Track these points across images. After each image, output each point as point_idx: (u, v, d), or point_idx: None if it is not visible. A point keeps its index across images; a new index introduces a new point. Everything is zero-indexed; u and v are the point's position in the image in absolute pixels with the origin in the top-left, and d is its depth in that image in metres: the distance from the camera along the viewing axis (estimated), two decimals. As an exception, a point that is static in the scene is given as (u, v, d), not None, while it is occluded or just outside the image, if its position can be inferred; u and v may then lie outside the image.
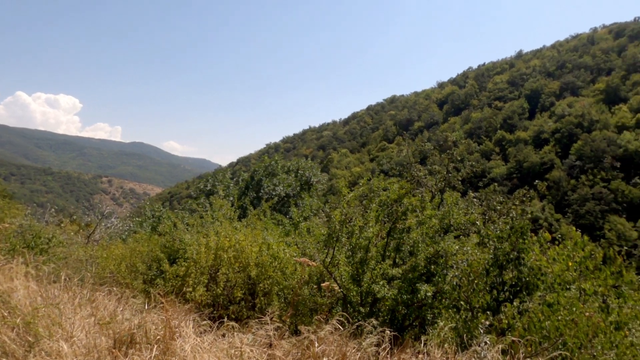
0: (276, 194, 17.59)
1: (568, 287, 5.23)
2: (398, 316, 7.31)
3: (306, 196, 16.65)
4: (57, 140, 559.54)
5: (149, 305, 5.14)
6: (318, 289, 7.39)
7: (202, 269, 8.22)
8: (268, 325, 3.83)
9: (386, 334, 3.93)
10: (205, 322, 4.49)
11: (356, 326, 4.26)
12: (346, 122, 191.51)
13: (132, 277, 9.08)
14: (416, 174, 13.01)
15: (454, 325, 5.22)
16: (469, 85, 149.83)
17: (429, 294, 6.40)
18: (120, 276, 9.02)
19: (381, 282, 6.74)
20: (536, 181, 77.83)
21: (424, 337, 4.43)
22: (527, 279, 5.25)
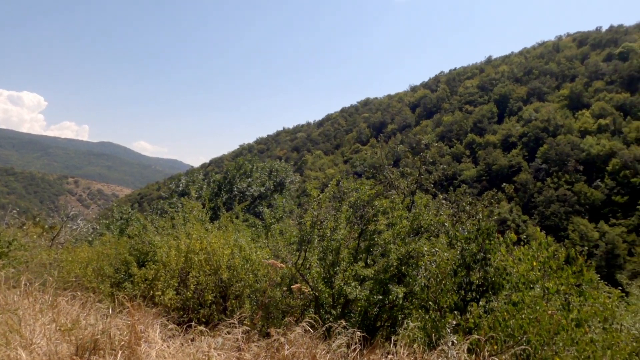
0: (249, 194, 17.43)
1: (532, 286, 5.40)
2: (370, 317, 7.37)
3: (279, 198, 16.59)
4: (21, 139, 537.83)
5: (115, 309, 5.00)
6: (290, 291, 7.37)
7: (172, 272, 8.05)
8: (239, 329, 3.78)
9: (356, 335, 3.96)
10: (174, 326, 4.40)
11: (327, 328, 4.27)
12: (320, 123, 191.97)
13: (99, 280, 8.82)
14: (389, 176, 13.15)
15: (422, 325, 5.31)
16: (440, 89, 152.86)
17: (400, 295, 6.48)
18: (86, 280, 8.75)
19: (353, 283, 6.78)
20: (504, 184, 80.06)
21: (393, 338, 4.48)
22: (493, 279, 5.40)
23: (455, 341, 3.96)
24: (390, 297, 6.58)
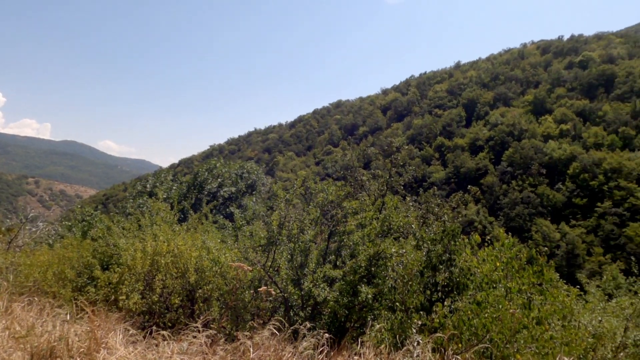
0: (220, 194, 17.16)
1: (495, 286, 5.55)
2: (340, 318, 7.38)
3: (249, 199, 16.41)
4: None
5: (75, 315, 4.81)
6: (257, 293, 7.30)
7: (137, 275, 7.84)
8: (205, 332, 3.71)
9: (324, 336, 3.95)
10: (138, 331, 4.27)
11: (295, 330, 4.25)
12: (292, 125, 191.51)
13: (60, 285, 8.49)
14: (359, 177, 13.25)
15: (389, 326, 5.37)
16: (411, 92, 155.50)
17: (369, 295, 6.52)
18: (45, 284, 8.40)
19: (322, 285, 6.78)
20: (469, 186, 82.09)
21: (361, 339, 4.51)
22: (458, 279, 5.52)
23: (420, 341, 4.02)
24: (359, 298, 6.61)
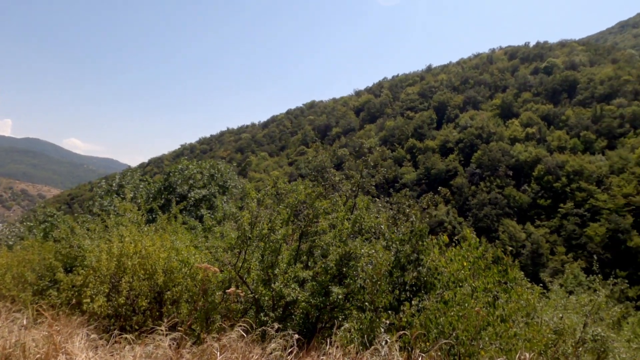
0: (191, 196, 16.84)
1: (461, 285, 5.69)
2: (311, 319, 7.39)
3: (219, 200, 16.18)
4: None
5: (34, 320, 4.62)
6: (237, 294, 7.22)
7: (102, 278, 7.61)
8: (172, 335, 3.63)
9: (293, 337, 3.95)
10: (103, 335, 4.15)
11: (265, 331, 4.22)
12: (265, 125, 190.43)
13: (19, 288, 8.16)
14: (331, 178, 13.30)
15: (358, 325, 5.42)
16: (384, 94, 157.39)
17: (340, 295, 6.55)
18: (4, 288, 8.06)
19: (292, 285, 6.77)
20: (439, 187, 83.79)
21: (329, 339, 4.52)
22: (426, 279, 5.63)
23: (388, 340, 4.07)
24: (331, 298, 6.63)
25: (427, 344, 4.61)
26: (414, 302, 5.37)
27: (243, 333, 3.51)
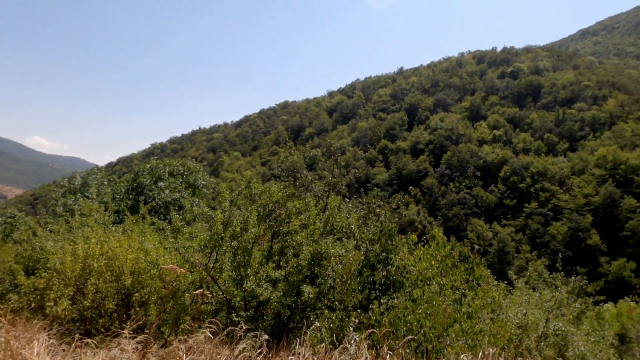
0: (160, 198, 16.42)
1: (429, 283, 5.83)
2: (283, 319, 7.38)
3: (187, 200, 15.88)
4: None
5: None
6: (204, 295, 7.13)
7: (67, 280, 7.37)
8: (137, 338, 3.56)
9: (262, 337, 3.94)
10: (65, 339, 4.02)
11: (234, 332, 4.20)
12: (238, 124, 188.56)
13: (-23, 293, 7.79)
14: (303, 179, 13.31)
15: (328, 325, 5.46)
16: (356, 95, 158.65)
17: (312, 295, 6.58)
18: (-41, 293, 7.68)
19: (264, 285, 6.75)
20: (410, 187, 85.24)
21: (299, 339, 4.54)
22: (395, 278, 5.74)
23: (357, 338, 4.13)
24: (302, 297, 6.65)
25: (396, 341, 4.69)
26: (383, 300, 5.46)
27: (210, 334, 3.47)
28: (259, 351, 3.77)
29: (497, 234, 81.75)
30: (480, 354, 4.32)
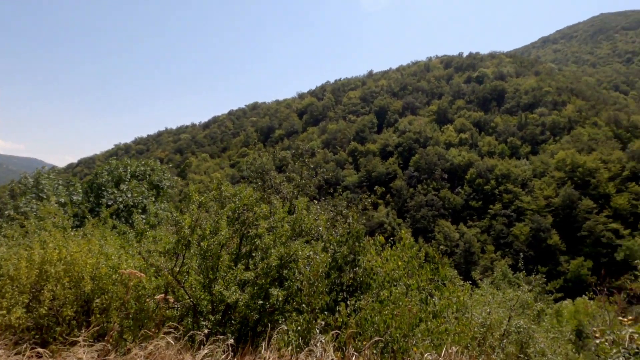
0: (122, 200, 15.80)
1: (396, 284, 5.90)
2: (251, 322, 7.28)
3: (151, 203, 15.39)
4: None
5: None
6: (165, 300, 6.94)
7: (22, 287, 7.01)
8: (96, 346, 3.41)
9: (227, 341, 3.86)
10: (18, 349, 3.81)
11: (198, 337, 4.10)
12: (206, 125, 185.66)
13: None
14: (272, 181, 13.23)
15: (296, 327, 5.42)
16: (326, 98, 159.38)
17: (280, 298, 6.52)
18: None
19: (233, 287, 6.64)
20: (376, 187, 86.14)
21: (264, 343, 4.50)
22: (362, 279, 5.77)
23: (323, 340, 4.12)
24: (270, 300, 6.58)
25: (362, 342, 4.71)
26: (350, 302, 5.48)
27: (171, 340, 3.37)
28: (224, 356, 3.69)
29: (464, 234, 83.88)
30: (444, 353, 4.39)
